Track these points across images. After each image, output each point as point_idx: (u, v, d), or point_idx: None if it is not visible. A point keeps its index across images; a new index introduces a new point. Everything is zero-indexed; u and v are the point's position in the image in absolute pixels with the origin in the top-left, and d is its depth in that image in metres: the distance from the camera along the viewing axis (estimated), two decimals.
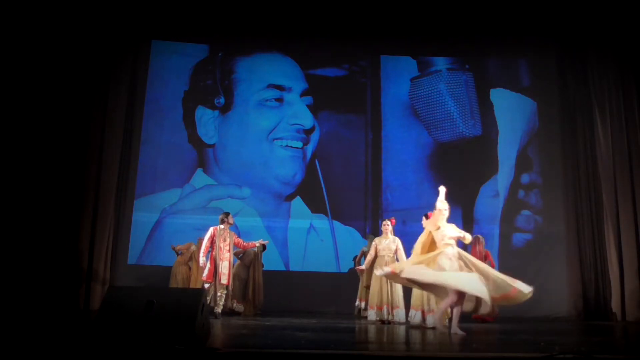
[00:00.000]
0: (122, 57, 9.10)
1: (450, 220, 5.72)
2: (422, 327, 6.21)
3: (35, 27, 8.44)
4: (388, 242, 7.09)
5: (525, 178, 9.64)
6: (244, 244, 7.61)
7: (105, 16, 8.89)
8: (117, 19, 9.00)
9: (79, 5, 8.71)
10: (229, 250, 7.24)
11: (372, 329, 6.24)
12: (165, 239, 9.12)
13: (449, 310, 6.31)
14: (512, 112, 9.86)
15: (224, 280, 7.05)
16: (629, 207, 8.40)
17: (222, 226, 7.26)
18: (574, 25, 9.39)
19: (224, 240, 7.20)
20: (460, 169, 9.64)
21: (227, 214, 7.39)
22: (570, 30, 9.49)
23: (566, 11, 9.21)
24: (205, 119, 9.79)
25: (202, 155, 9.69)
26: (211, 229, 7.22)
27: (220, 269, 7.06)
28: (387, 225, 7.20)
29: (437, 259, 5.31)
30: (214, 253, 7.11)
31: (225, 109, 9.83)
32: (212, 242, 7.15)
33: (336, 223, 9.51)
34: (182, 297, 3.92)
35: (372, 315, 6.89)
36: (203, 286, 7.08)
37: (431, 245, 5.55)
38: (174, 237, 8.99)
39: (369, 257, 7.25)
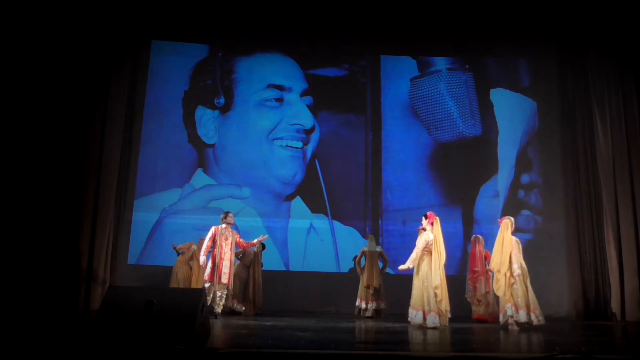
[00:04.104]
0: (122, 57, 9.09)
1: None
2: (422, 327, 6.21)
3: (35, 27, 8.44)
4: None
5: (525, 178, 9.64)
6: (245, 244, 7.59)
7: (105, 16, 8.89)
8: (117, 19, 9.00)
9: (79, 6, 8.71)
10: (231, 250, 7.22)
11: (372, 329, 6.24)
12: (165, 239, 9.11)
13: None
14: (512, 112, 9.86)
15: (225, 280, 7.03)
16: (629, 207, 8.40)
17: (223, 225, 7.25)
18: (574, 26, 9.39)
19: (226, 240, 7.19)
20: (460, 169, 9.64)
21: (226, 214, 7.38)
22: (570, 31, 9.49)
23: (566, 11, 9.21)
24: (205, 119, 9.79)
25: (202, 155, 9.69)
26: (213, 228, 7.22)
27: (221, 269, 7.05)
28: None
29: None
30: (215, 252, 7.11)
31: (225, 109, 9.83)
32: (214, 241, 7.15)
33: (336, 223, 9.51)
34: (182, 297, 3.92)
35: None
36: (203, 286, 7.07)
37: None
38: (174, 237, 8.99)
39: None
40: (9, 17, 8.14)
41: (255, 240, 7.77)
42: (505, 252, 6.36)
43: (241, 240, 7.52)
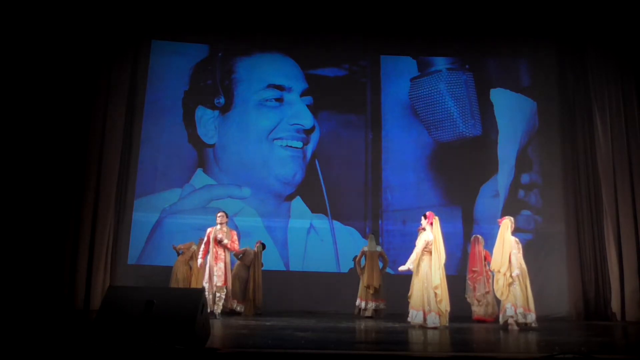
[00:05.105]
0: (122, 57, 9.09)
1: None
2: (422, 327, 6.21)
3: (36, 28, 8.43)
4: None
5: (525, 178, 9.63)
6: (231, 247, 7.28)
7: (105, 16, 8.89)
8: (117, 19, 9.00)
9: (79, 6, 8.71)
10: (224, 251, 7.18)
11: (372, 329, 6.24)
12: (165, 239, 9.11)
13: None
14: (512, 112, 9.86)
15: (219, 283, 6.97)
16: (629, 207, 8.40)
17: (218, 227, 7.21)
18: (573, 25, 9.39)
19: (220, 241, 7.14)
20: (460, 169, 9.63)
21: (216, 214, 7.33)
22: (570, 30, 9.49)
23: (566, 11, 9.21)
24: (205, 119, 9.79)
25: (202, 155, 9.69)
26: (208, 230, 7.20)
27: (213, 271, 6.98)
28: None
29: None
30: (209, 255, 7.06)
31: (225, 109, 9.83)
32: (209, 243, 7.10)
33: (336, 223, 9.51)
34: (182, 297, 3.92)
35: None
36: (203, 286, 7.06)
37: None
38: (174, 237, 8.99)
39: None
40: (10, 18, 8.14)
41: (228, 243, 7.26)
42: (506, 252, 6.37)
43: (236, 247, 7.39)
